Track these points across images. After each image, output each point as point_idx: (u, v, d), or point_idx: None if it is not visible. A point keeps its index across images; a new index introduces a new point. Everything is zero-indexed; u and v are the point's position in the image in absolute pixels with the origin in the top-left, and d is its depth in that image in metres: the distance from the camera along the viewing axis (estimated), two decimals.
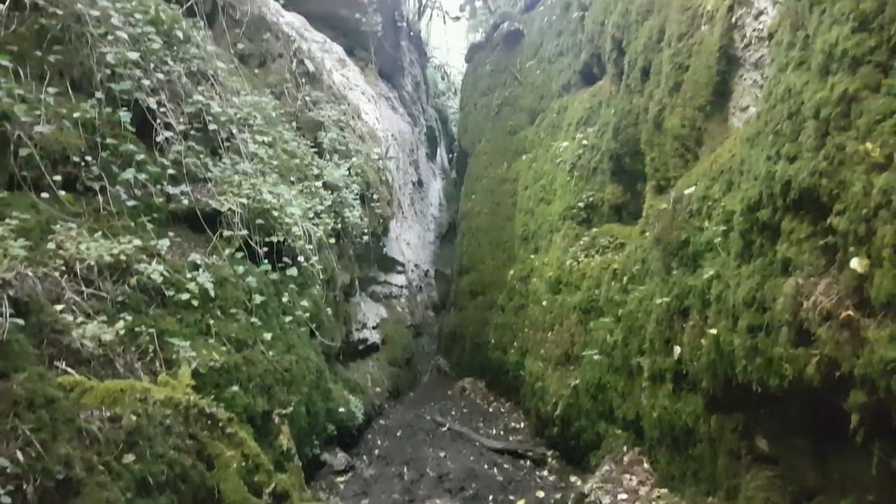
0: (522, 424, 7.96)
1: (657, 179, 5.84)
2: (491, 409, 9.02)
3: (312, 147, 7.60)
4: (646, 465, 5.09)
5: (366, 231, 8.14)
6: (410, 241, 13.16)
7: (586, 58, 8.90)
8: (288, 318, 5.56)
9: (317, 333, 6.15)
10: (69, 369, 3.29)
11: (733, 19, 4.68)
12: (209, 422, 3.70)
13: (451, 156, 18.34)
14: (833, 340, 2.77)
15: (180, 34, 5.53)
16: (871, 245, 2.60)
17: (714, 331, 3.89)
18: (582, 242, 7.47)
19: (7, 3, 4.15)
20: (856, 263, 2.65)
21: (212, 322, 4.55)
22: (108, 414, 3.10)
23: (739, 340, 3.57)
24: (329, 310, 6.63)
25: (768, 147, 3.45)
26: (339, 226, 7.25)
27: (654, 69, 6.04)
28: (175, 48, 5.45)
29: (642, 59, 6.30)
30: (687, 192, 4.78)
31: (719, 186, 4.32)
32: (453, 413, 8.74)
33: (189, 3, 6.41)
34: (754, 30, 4.45)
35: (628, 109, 6.64)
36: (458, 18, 16.88)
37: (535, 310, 8.27)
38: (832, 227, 2.85)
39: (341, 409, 6.40)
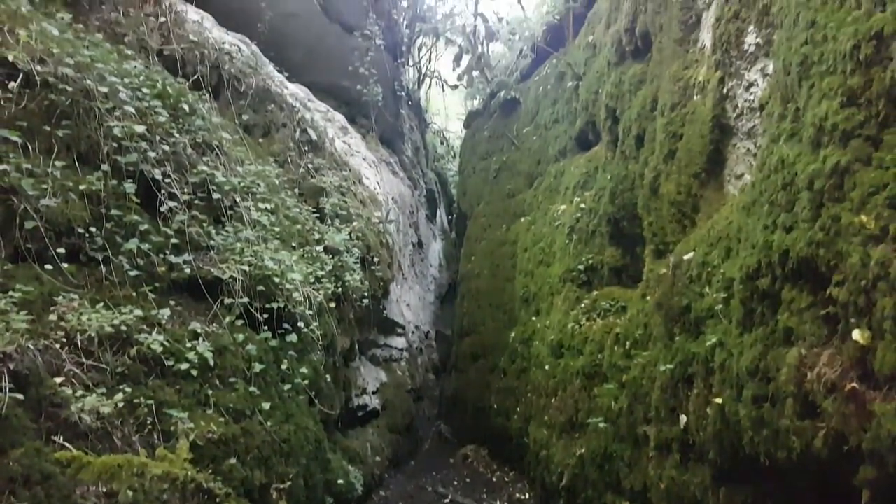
0: (527, 495, 7.73)
1: (656, 244, 5.89)
2: (494, 479, 8.78)
3: (314, 212, 7.70)
4: None
5: (366, 294, 8.13)
6: (411, 303, 13.14)
7: (581, 125, 9.13)
8: (287, 387, 5.49)
9: (316, 402, 6.06)
10: (67, 444, 3.24)
11: (724, 90, 4.83)
12: (206, 497, 3.61)
13: (450, 217, 18.55)
14: (839, 413, 2.74)
15: (186, 107, 5.68)
16: (871, 317, 2.60)
17: (719, 400, 3.84)
18: (583, 305, 7.46)
19: (19, 81, 4.28)
20: (858, 335, 2.66)
21: (210, 392, 4.50)
22: (105, 490, 3.04)
23: (745, 411, 3.52)
24: (328, 376, 6.55)
25: (764, 216, 3.50)
26: (340, 290, 7.25)
27: (649, 136, 6.19)
28: (181, 120, 5.59)
29: (636, 127, 6.46)
30: (686, 257, 4.82)
31: (718, 253, 4.36)
32: (455, 483, 8.51)
33: (195, 77, 6.62)
34: (745, 101, 4.58)
35: (624, 175, 6.77)
36: (456, 87, 17.39)
37: (537, 374, 8.17)
38: (832, 298, 2.87)
39: (340, 481, 6.23)
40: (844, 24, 3.06)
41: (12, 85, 4.21)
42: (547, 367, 7.76)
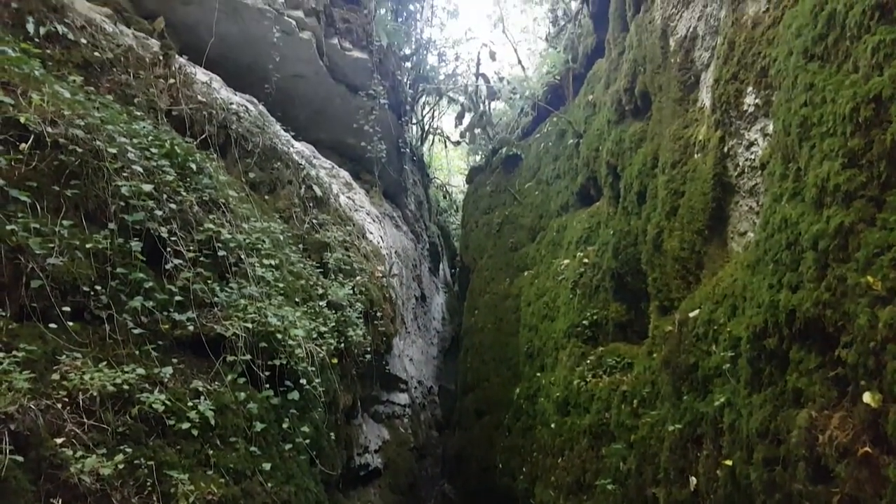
0: None
1: (660, 300, 5.88)
2: None
3: (318, 267, 7.72)
4: None
5: (369, 349, 8.07)
6: (413, 357, 13.01)
7: (583, 180, 9.24)
8: (288, 446, 5.39)
9: (317, 461, 5.93)
10: None
11: (725, 149, 4.91)
12: None
13: (453, 270, 18.58)
14: (853, 479, 2.68)
15: (194, 166, 5.78)
16: (882, 379, 2.57)
17: (729, 462, 3.76)
18: (589, 361, 7.38)
19: (30, 142, 4.37)
20: (868, 398, 2.62)
21: (211, 452, 4.41)
22: None
23: (756, 474, 3.44)
24: (330, 434, 6.43)
25: (769, 275, 3.50)
26: (343, 345, 7.20)
27: (650, 193, 6.25)
28: (188, 179, 5.68)
29: (638, 184, 6.54)
30: (692, 314, 4.80)
31: (724, 311, 4.34)
32: None
33: (203, 137, 6.76)
34: (746, 159, 4.65)
35: (627, 230, 6.81)
36: (458, 143, 17.72)
37: (543, 432, 8.02)
38: (841, 359, 2.84)
39: None
40: (843, 87, 3.13)
41: (23, 146, 4.30)
42: (553, 426, 7.62)
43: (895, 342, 2.51)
